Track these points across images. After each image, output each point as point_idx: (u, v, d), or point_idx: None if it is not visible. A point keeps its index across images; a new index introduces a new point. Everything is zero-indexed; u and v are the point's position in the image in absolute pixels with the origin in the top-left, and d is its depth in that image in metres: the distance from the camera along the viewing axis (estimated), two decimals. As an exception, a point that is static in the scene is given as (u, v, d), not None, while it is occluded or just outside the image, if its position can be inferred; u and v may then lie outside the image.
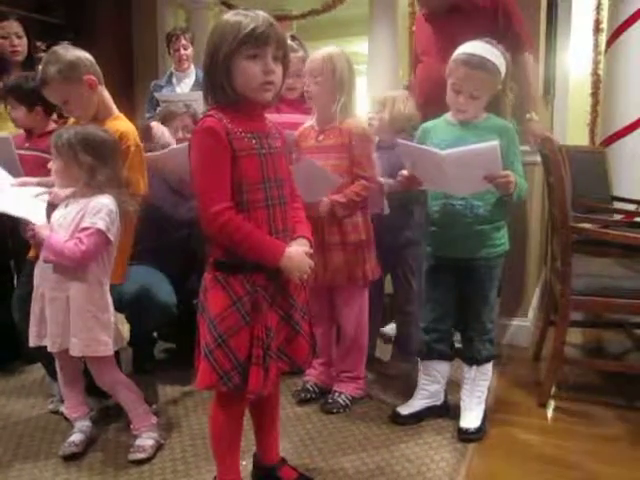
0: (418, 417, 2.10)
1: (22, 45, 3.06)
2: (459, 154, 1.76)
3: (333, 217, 2.11)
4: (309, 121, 2.26)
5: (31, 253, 2.05)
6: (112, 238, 1.81)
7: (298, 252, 1.47)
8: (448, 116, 2.01)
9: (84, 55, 2.06)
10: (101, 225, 1.76)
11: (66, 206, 1.85)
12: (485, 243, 1.96)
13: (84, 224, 1.77)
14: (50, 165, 1.85)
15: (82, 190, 1.83)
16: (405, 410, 2.11)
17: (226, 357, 1.43)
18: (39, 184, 2.03)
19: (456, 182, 1.82)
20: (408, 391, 2.19)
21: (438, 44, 2.48)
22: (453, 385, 2.17)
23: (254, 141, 1.44)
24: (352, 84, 2.15)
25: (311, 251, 1.53)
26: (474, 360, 2.04)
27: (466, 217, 1.94)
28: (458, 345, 2.14)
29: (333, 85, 2.11)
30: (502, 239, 2.00)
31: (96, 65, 2.08)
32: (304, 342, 1.56)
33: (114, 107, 2.15)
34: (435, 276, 2.07)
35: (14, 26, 3.05)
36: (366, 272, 2.18)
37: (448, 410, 2.13)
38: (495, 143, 1.74)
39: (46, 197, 1.91)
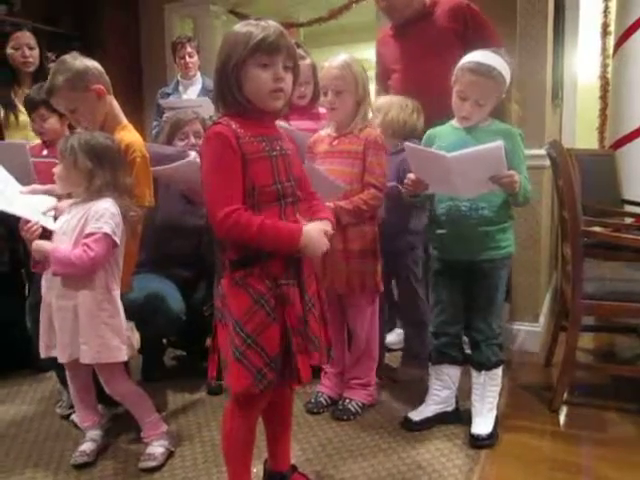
0: (429, 423, 2.08)
1: (34, 56, 3.07)
2: (464, 156, 1.77)
3: (337, 223, 2.09)
4: (325, 129, 2.25)
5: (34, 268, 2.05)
6: (118, 241, 1.81)
7: (315, 229, 1.46)
8: (453, 122, 2.02)
9: (93, 64, 2.06)
10: (107, 229, 1.77)
11: (68, 213, 1.85)
12: (490, 245, 1.96)
13: (89, 230, 1.77)
14: (55, 170, 1.86)
15: (82, 196, 1.83)
16: (416, 416, 2.09)
17: (258, 355, 1.42)
18: (47, 192, 2.04)
19: (462, 184, 1.83)
20: (418, 397, 2.17)
21: (408, 56, 2.56)
22: (464, 391, 2.15)
23: (264, 144, 1.45)
24: (369, 90, 2.14)
25: (332, 231, 1.53)
26: (483, 366, 2.03)
27: (471, 219, 1.94)
28: (468, 351, 2.12)
29: (356, 96, 2.10)
30: (507, 241, 2.00)
31: (105, 74, 2.08)
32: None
33: (122, 117, 2.15)
34: (442, 279, 2.07)
35: (26, 37, 3.08)
36: (365, 283, 2.14)
37: (460, 416, 2.12)
38: (500, 143, 1.75)
39: (52, 213, 1.92)
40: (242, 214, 1.40)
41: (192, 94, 3.89)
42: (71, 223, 1.82)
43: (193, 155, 2.41)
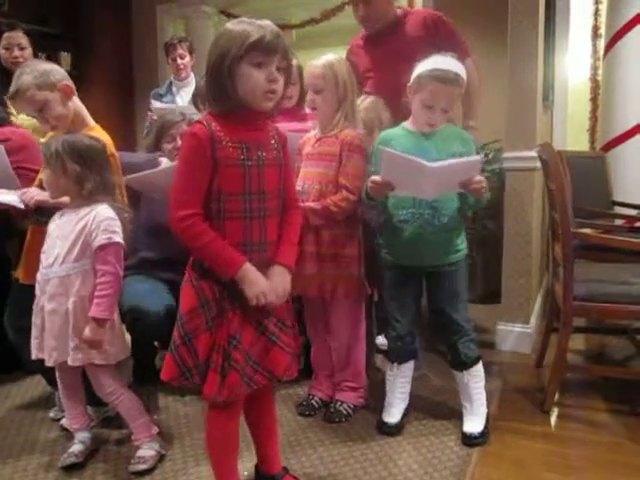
0: (402, 424, 2.10)
1: (24, 57, 3.04)
2: (446, 167, 1.80)
3: (308, 225, 2.03)
4: (313, 131, 2.24)
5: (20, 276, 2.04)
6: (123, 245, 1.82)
7: (257, 275, 1.45)
8: (406, 125, 2.03)
9: (56, 66, 2.12)
10: (117, 238, 1.78)
11: (61, 216, 1.84)
12: (449, 249, 2.01)
13: (98, 243, 1.76)
14: (41, 176, 1.85)
15: (75, 201, 1.82)
16: (391, 418, 2.09)
17: (189, 355, 1.45)
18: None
19: (430, 188, 1.84)
20: (409, 399, 2.17)
21: (380, 64, 2.65)
22: (453, 391, 2.15)
23: (240, 151, 1.43)
24: (354, 90, 2.13)
25: (288, 278, 1.53)
26: (464, 365, 2.03)
27: (433, 225, 1.96)
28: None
29: (337, 95, 2.09)
30: (463, 243, 2.05)
31: (68, 76, 2.11)
32: (280, 353, 1.52)
33: (89, 118, 2.17)
34: (400, 285, 2.07)
35: (18, 37, 3.05)
36: (338, 288, 2.09)
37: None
38: (479, 157, 1.88)
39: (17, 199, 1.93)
40: (198, 223, 1.41)
41: (186, 95, 3.86)
42: (66, 228, 1.81)
43: (164, 162, 2.40)
